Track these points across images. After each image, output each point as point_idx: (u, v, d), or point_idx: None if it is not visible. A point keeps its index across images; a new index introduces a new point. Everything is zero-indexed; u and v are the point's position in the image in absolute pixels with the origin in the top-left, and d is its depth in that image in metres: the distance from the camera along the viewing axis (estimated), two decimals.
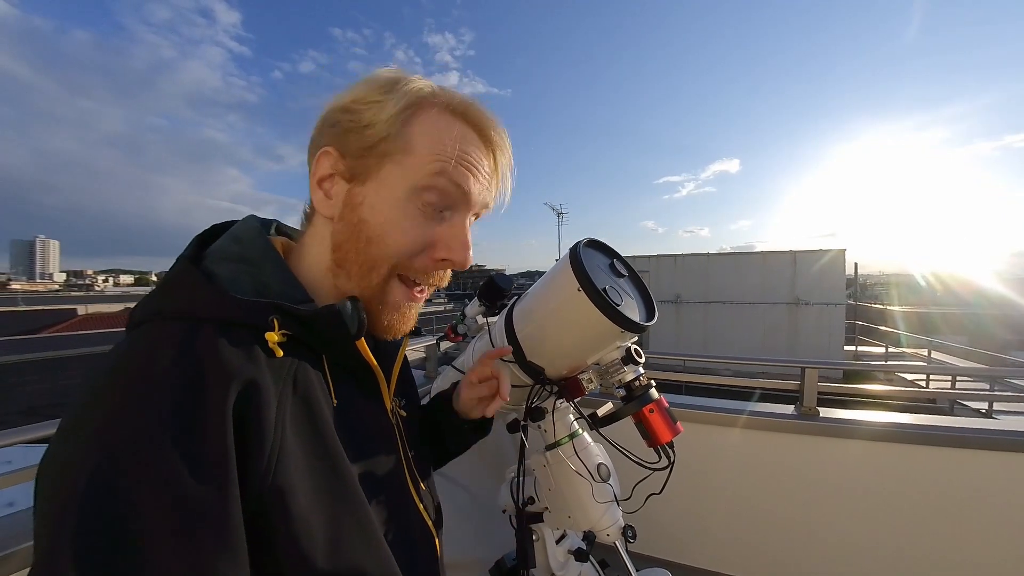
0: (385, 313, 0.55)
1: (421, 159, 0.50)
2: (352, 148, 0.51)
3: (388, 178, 0.51)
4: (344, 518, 0.45)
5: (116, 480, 0.33)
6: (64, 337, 10.83)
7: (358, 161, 0.51)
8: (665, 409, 0.75)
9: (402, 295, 0.55)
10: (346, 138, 0.51)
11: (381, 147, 0.50)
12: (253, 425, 0.39)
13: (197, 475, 0.35)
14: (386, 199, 0.51)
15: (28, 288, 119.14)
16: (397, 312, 0.55)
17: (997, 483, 1.70)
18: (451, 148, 0.51)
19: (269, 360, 0.44)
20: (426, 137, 0.51)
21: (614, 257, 0.84)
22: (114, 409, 0.36)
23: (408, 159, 0.50)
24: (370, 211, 0.51)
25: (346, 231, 0.52)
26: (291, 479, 0.41)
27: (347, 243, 0.52)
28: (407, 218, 0.51)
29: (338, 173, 0.52)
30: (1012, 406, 5.70)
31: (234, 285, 0.46)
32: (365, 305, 0.53)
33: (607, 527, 0.86)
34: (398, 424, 0.63)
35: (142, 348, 0.40)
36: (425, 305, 0.65)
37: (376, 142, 0.50)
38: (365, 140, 0.50)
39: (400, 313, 0.56)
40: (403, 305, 0.55)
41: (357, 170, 0.51)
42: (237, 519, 0.36)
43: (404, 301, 0.55)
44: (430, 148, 0.51)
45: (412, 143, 0.50)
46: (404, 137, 0.50)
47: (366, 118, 0.50)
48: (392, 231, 0.51)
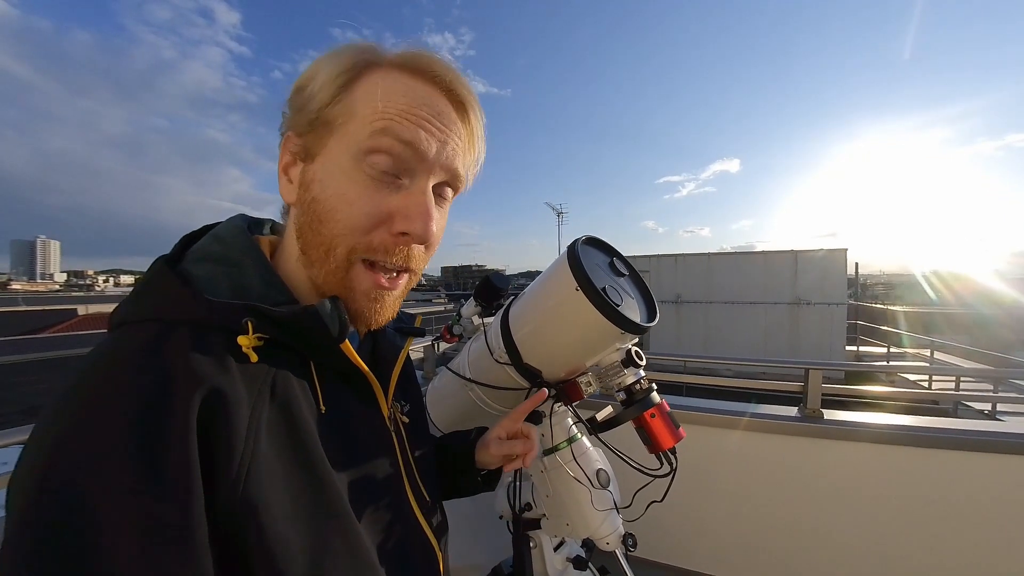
0: (354, 300, 0.50)
1: (363, 120, 0.46)
2: (302, 126, 0.48)
3: (334, 149, 0.47)
4: (327, 533, 0.42)
5: (74, 494, 0.32)
6: (65, 337, 10.85)
7: (308, 137, 0.48)
8: (667, 413, 0.73)
9: (368, 281, 0.49)
10: (296, 118, 0.49)
11: (321, 116, 0.47)
12: (221, 435, 0.37)
13: (158, 489, 0.33)
14: (332, 171, 0.47)
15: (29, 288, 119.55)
16: (366, 299, 0.50)
17: (1002, 486, 1.68)
18: (396, 103, 0.46)
19: (243, 366, 0.41)
20: (368, 97, 0.46)
21: (614, 255, 0.81)
22: (76, 419, 0.34)
23: (350, 122, 0.46)
24: (320, 187, 0.47)
25: (303, 214, 0.49)
26: (265, 492, 0.38)
27: (304, 226, 0.49)
28: (354, 187, 0.46)
29: (296, 155, 0.50)
30: (1016, 407, 5.67)
31: (210, 286, 0.44)
32: (331, 290, 0.49)
33: (606, 535, 0.84)
34: (397, 431, 0.59)
35: (108, 354, 0.38)
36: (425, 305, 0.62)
37: (316, 111, 0.47)
38: (309, 113, 0.47)
39: (370, 301, 0.50)
40: (372, 292, 0.50)
41: (309, 145, 0.48)
42: (201, 535, 0.34)
43: (372, 289, 0.49)
44: (370, 105, 0.46)
45: (354, 107, 0.46)
46: (346, 103, 0.46)
47: (309, 91, 0.48)
48: (340, 204, 0.46)
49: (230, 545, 0.36)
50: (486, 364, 0.89)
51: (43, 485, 0.32)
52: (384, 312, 0.52)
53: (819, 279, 11.43)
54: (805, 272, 11.61)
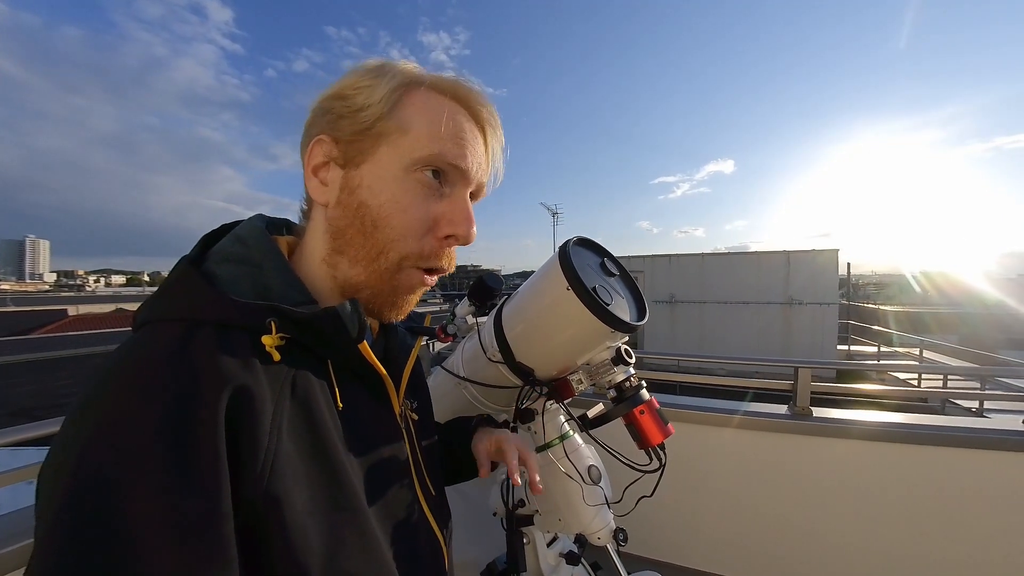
0: (396, 295, 0.54)
1: (416, 136, 0.50)
2: (346, 132, 0.51)
3: (384, 158, 0.51)
4: (343, 527, 0.44)
5: (106, 490, 0.33)
6: (54, 338, 10.72)
7: (352, 145, 0.51)
8: (656, 410, 0.74)
9: (417, 279, 0.54)
10: (339, 124, 0.51)
11: (376, 128, 0.50)
12: (246, 432, 0.39)
13: (188, 485, 0.34)
14: (384, 179, 0.50)
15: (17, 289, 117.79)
16: (408, 294, 0.55)
17: (987, 481, 1.71)
18: (445, 124, 0.51)
19: (266, 365, 0.43)
20: (419, 115, 0.51)
21: (605, 256, 0.83)
22: (106, 416, 0.35)
23: (403, 138, 0.50)
24: (369, 193, 0.50)
25: (346, 216, 0.51)
26: (287, 486, 0.40)
27: (350, 228, 0.51)
28: (407, 196, 0.51)
29: (332, 159, 0.52)
30: (1003, 404, 5.76)
31: (234, 287, 0.45)
32: (372, 289, 0.53)
33: (598, 530, 0.85)
34: (408, 428, 0.61)
35: (137, 352, 0.40)
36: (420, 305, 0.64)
37: (371, 123, 0.50)
38: (359, 123, 0.50)
39: (410, 294, 0.55)
40: (416, 288, 0.55)
41: (352, 154, 0.51)
42: (228, 529, 0.36)
43: (418, 286, 0.55)
44: (424, 125, 0.50)
45: (405, 122, 0.50)
46: (397, 117, 0.50)
47: (358, 102, 0.50)
48: (394, 211, 0.50)
49: (251, 537, 0.37)
50: (480, 363, 0.90)
51: (76, 481, 0.33)
52: (412, 304, 0.57)
53: (811, 279, 11.54)
54: (797, 272, 11.72)
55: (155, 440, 0.34)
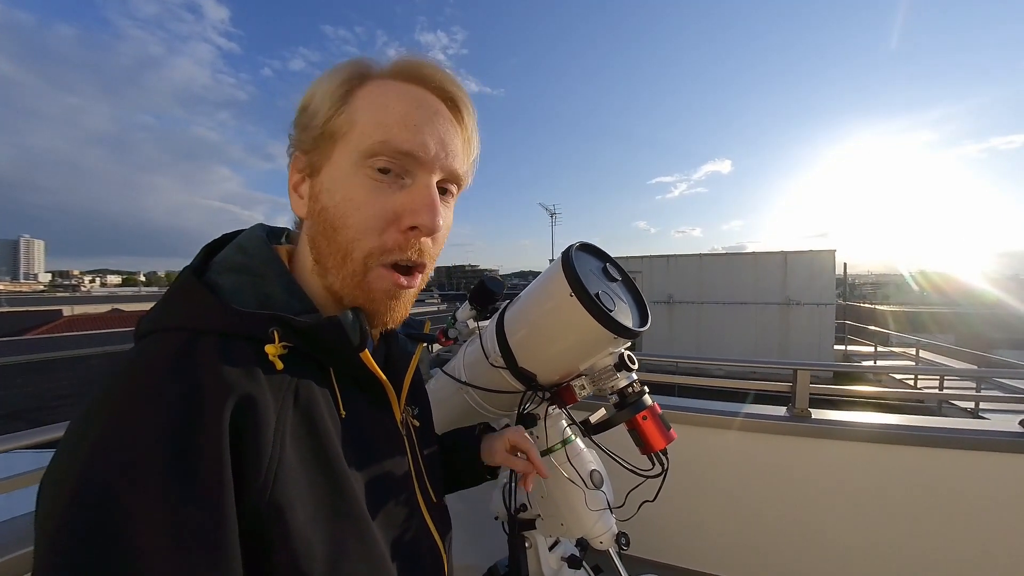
0: (373, 301, 0.51)
1: (362, 127, 0.48)
2: (307, 143, 0.50)
3: (337, 158, 0.49)
4: (345, 535, 0.44)
5: (110, 500, 0.33)
6: (49, 339, 10.65)
7: (314, 153, 0.50)
8: (658, 416, 0.74)
9: (388, 281, 0.50)
10: (302, 137, 0.51)
11: (326, 130, 0.49)
12: (250, 440, 0.39)
13: (192, 494, 0.34)
14: (337, 178, 0.49)
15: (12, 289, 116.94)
16: (387, 299, 0.51)
17: (984, 482, 1.72)
18: (394, 110, 0.48)
19: (269, 374, 0.43)
20: (367, 105, 0.48)
21: (607, 261, 0.83)
22: (110, 426, 0.35)
23: (351, 132, 0.48)
24: (328, 196, 0.49)
25: (315, 225, 0.51)
26: (290, 495, 0.40)
27: (318, 236, 0.50)
28: (360, 191, 0.48)
29: (303, 173, 0.52)
30: (998, 405, 5.79)
31: (236, 296, 0.45)
32: (350, 295, 0.51)
33: (600, 534, 0.85)
34: (409, 435, 0.61)
35: (141, 361, 0.40)
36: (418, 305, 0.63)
37: (321, 125, 0.49)
38: (314, 129, 0.49)
39: (390, 299, 0.52)
40: (391, 290, 0.51)
41: (315, 160, 0.50)
42: (233, 538, 0.36)
43: (391, 287, 0.51)
44: (369, 114, 0.48)
45: (354, 117, 0.48)
46: (347, 114, 0.48)
47: (312, 109, 0.50)
48: (348, 209, 0.48)
49: (255, 545, 0.38)
50: (481, 367, 0.90)
51: (79, 490, 0.33)
52: (400, 310, 0.54)
53: (808, 280, 11.59)
54: (795, 273, 11.76)
55: (159, 450, 0.34)
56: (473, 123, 0.56)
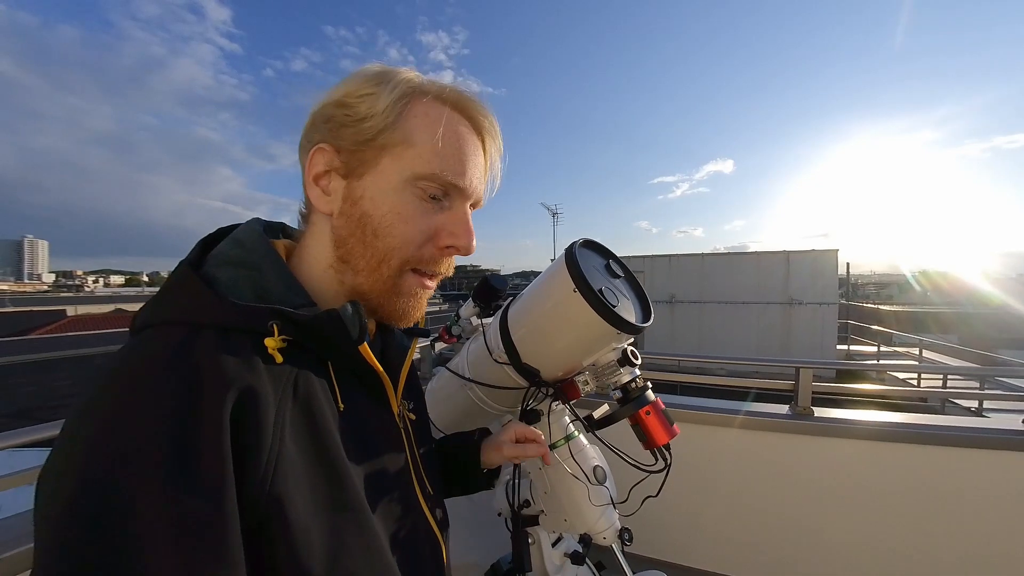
0: (399, 301, 0.55)
1: (419, 151, 0.51)
2: (348, 142, 0.51)
3: (387, 170, 0.51)
4: (345, 527, 0.44)
5: (111, 493, 0.32)
6: (53, 339, 10.69)
7: (354, 155, 0.51)
8: (662, 411, 0.75)
9: (415, 283, 0.55)
10: (341, 133, 0.51)
11: (379, 139, 0.50)
12: (250, 433, 0.39)
13: (193, 487, 0.34)
14: (386, 190, 0.51)
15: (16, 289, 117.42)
16: (412, 299, 0.56)
17: (987, 480, 1.72)
18: (446, 139, 0.52)
19: (268, 366, 0.43)
20: (421, 128, 0.51)
21: (610, 258, 0.83)
22: (108, 419, 0.35)
23: (406, 150, 0.51)
24: (371, 204, 0.51)
25: (349, 226, 0.52)
26: (289, 487, 0.40)
27: (351, 238, 0.52)
28: (409, 207, 0.51)
29: (334, 169, 0.52)
30: (1002, 404, 5.77)
31: (234, 290, 0.45)
32: (377, 295, 0.53)
33: (603, 530, 0.86)
34: (406, 428, 0.62)
35: (139, 355, 0.40)
36: None
37: (374, 135, 0.50)
38: (362, 133, 0.50)
39: (415, 299, 0.56)
40: (418, 292, 0.56)
41: (354, 164, 0.51)
42: (235, 531, 0.36)
43: (418, 289, 0.55)
44: (426, 139, 0.51)
45: (408, 134, 0.51)
46: (400, 128, 0.51)
47: (361, 111, 0.50)
48: (396, 222, 0.51)
49: (256, 538, 0.38)
50: (485, 364, 0.90)
51: (79, 484, 0.33)
52: (420, 308, 0.58)
53: (811, 279, 11.54)
54: (797, 272, 11.72)
55: (159, 442, 0.34)
56: (498, 161, 0.60)
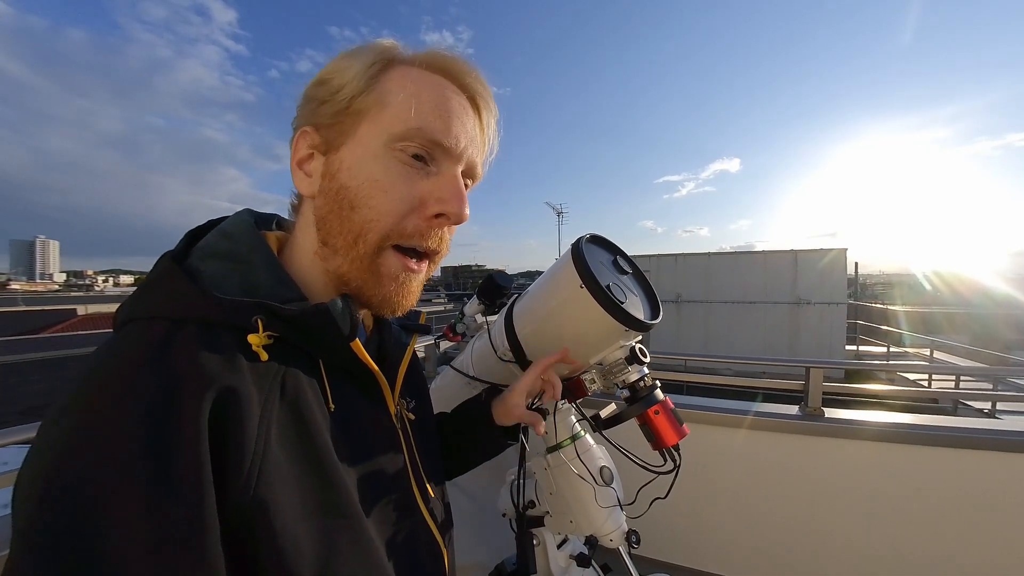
0: (382, 285, 0.50)
1: (395, 110, 0.47)
2: (325, 117, 0.49)
3: (364, 137, 0.48)
4: (337, 532, 0.43)
5: (81, 500, 0.31)
6: (64, 337, 10.83)
7: (332, 128, 0.48)
8: (671, 411, 0.73)
9: (397, 265, 0.50)
10: (319, 110, 0.49)
11: (353, 106, 0.47)
12: (232, 435, 0.37)
13: (168, 493, 0.33)
14: (363, 157, 0.47)
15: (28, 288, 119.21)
16: (395, 283, 0.50)
17: (1001, 483, 1.69)
18: (427, 97, 0.48)
19: (253, 364, 0.41)
20: (397, 88, 0.48)
21: (617, 253, 0.81)
22: (82, 422, 0.34)
23: (383, 112, 0.47)
24: (348, 175, 0.48)
25: (328, 203, 0.49)
26: (275, 491, 0.38)
27: (330, 215, 0.49)
28: (388, 173, 0.47)
29: (315, 148, 0.50)
30: (1015, 406, 5.68)
31: (219, 283, 0.43)
32: (357, 279, 0.49)
33: (610, 532, 0.84)
34: (404, 428, 0.59)
35: (116, 352, 0.38)
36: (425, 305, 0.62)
37: (347, 102, 0.47)
38: (336, 104, 0.48)
39: (399, 284, 0.51)
40: (400, 275, 0.50)
41: (331, 137, 0.49)
42: (213, 538, 0.34)
43: (400, 272, 0.50)
44: (403, 98, 0.47)
45: (385, 96, 0.47)
46: (376, 92, 0.48)
47: (335, 83, 0.48)
48: (373, 191, 0.47)
49: (240, 545, 0.36)
50: (490, 362, 0.89)
51: (49, 489, 0.31)
52: (410, 297, 0.53)
53: (819, 279, 11.44)
54: (805, 272, 11.62)
55: (133, 447, 0.32)
56: (493, 122, 0.56)
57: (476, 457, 0.81)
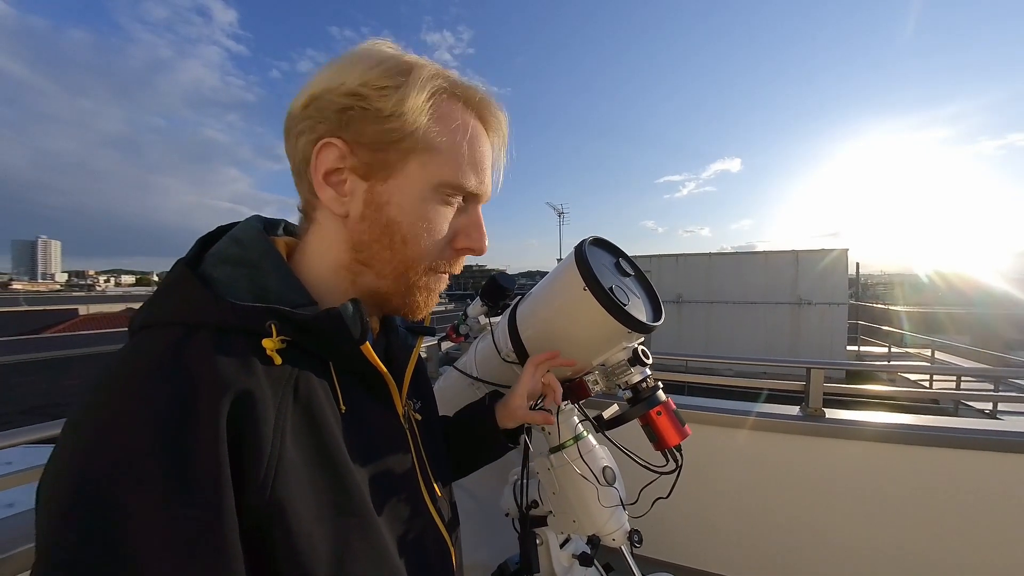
0: (418, 296, 0.56)
1: (445, 157, 0.50)
2: (368, 139, 0.48)
3: (413, 175, 0.50)
4: (350, 532, 0.43)
5: (104, 503, 0.32)
6: (66, 337, 10.83)
7: (376, 155, 0.49)
8: (673, 411, 0.74)
9: (433, 279, 0.56)
10: (359, 128, 0.48)
11: (406, 143, 0.48)
12: (249, 438, 0.38)
13: (188, 495, 0.33)
14: (413, 196, 0.50)
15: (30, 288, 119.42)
16: (429, 292, 0.56)
17: (1002, 484, 1.69)
18: (474, 150, 0.53)
19: (267, 368, 0.42)
20: (447, 132, 0.51)
21: (620, 256, 0.82)
22: (103, 426, 0.34)
23: (433, 156, 0.50)
24: (399, 211, 0.50)
25: (372, 231, 0.51)
26: (291, 492, 0.39)
27: (376, 243, 0.51)
28: (437, 216, 0.52)
29: (350, 168, 0.49)
30: (1017, 406, 5.67)
31: (231, 289, 0.44)
32: (397, 295, 0.54)
33: (612, 531, 0.85)
34: (412, 428, 0.60)
35: (134, 358, 0.39)
36: None
37: (400, 137, 0.48)
38: (387, 134, 0.48)
39: (431, 293, 0.57)
40: (433, 287, 0.56)
41: (376, 166, 0.49)
42: (234, 539, 0.35)
43: (434, 284, 0.57)
44: (452, 147, 0.51)
45: (436, 139, 0.50)
46: (427, 132, 0.49)
47: (384, 108, 0.47)
48: (422, 231, 0.51)
49: (257, 546, 0.37)
50: (493, 363, 0.90)
51: (72, 493, 0.32)
52: (432, 302, 0.59)
53: (820, 279, 11.43)
54: (806, 272, 11.61)
55: (153, 450, 0.33)
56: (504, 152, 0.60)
57: (480, 460, 0.82)
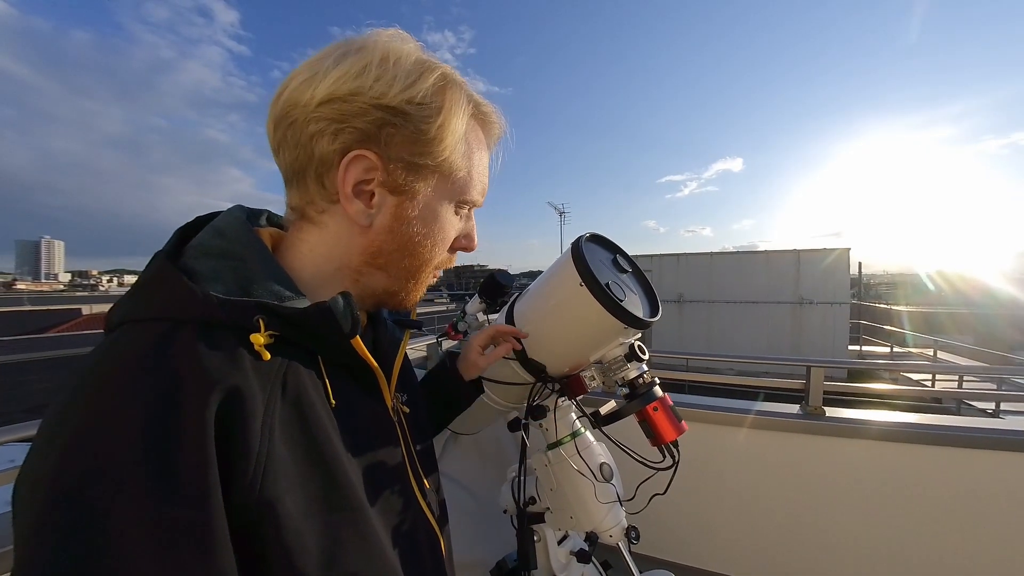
0: (418, 291, 0.60)
1: (463, 175, 0.55)
2: (404, 158, 0.49)
3: (437, 191, 0.53)
4: (341, 527, 0.43)
5: (86, 502, 0.31)
6: (69, 336, 10.88)
7: (409, 172, 0.50)
8: (669, 407, 0.74)
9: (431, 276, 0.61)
10: (397, 145, 0.48)
11: (441, 167, 0.52)
12: (237, 434, 0.37)
13: (174, 493, 0.33)
14: (434, 211, 0.54)
15: (33, 288, 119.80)
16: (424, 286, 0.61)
17: (1004, 483, 1.68)
18: (482, 164, 0.58)
19: (255, 363, 0.41)
20: (468, 154, 0.55)
21: (617, 252, 0.82)
22: (84, 424, 0.33)
23: (455, 175, 0.54)
24: (420, 224, 0.53)
25: (395, 242, 0.53)
26: (281, 490, 0.38)
27: (396, 252, 0.54)
28: (450, 227, 0.57)
29: (379, 182, 0.49)
30: (1019, 406, 5.65)
31: (215, 283, 0.42)
32: (400, 291, 0.57)
33: (610, 528, 0.85)
34: (400, 421, 0.60)
35: (115, 354, 0.37)
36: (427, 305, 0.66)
37: (438, 162, 0.51)
38: (426, 156, 0.50)
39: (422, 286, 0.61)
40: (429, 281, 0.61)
41: (407, 183, 0.50)
42: (222, 535, 0.34)
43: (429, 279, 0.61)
44: (470, 165, 0.55)
45: (459, 162, 0.54)
46: (457, 160, 0.53)
47: (429, 131, 0.49)
48: (436, 241, 0.55)
49: (247, 544, 0.36)
50: None
51: (53, 493, 0.31)
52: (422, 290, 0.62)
53: (822, 279, 11.41)
54: (808, 272, 11.59)
55: (137, 448, 0.32)
56: None
57: (452, 413, 0.89)
